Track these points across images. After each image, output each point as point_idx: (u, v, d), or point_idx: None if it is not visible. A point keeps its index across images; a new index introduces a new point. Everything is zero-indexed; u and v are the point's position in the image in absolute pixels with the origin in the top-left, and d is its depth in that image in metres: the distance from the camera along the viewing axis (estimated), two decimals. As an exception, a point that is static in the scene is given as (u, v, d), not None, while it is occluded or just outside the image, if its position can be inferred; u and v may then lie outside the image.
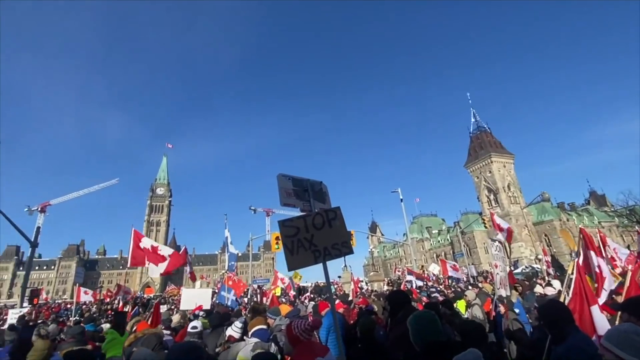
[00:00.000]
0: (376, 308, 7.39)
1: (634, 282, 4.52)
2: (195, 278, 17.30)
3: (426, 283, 18.86)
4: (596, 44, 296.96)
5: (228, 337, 4.59)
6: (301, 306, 9.43)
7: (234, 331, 4.59)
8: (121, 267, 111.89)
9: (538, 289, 9.36)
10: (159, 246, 9.14)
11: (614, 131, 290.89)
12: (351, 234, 22.73)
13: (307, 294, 20.67)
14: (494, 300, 6.09)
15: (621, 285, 4.95)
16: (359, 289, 18.23)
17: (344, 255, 3.32)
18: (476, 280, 21.49)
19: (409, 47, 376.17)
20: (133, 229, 9.05)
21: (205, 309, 9.62)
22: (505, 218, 58.83)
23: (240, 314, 8.49)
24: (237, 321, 4.82)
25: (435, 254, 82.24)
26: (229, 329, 4.73)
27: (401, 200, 28.06)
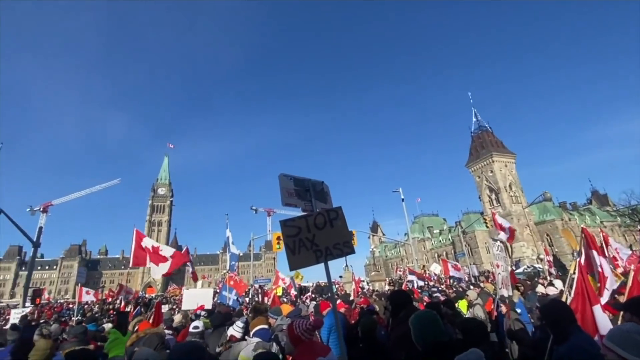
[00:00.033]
0: (377, 308, 7.40)
1: (637, 281, 4.49)
2: (197, 278, 17.31)
3: (427, 283, 18.86)
4: (596, 44, 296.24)
5: (230, 336, 4.60)
6: (302, 306, 9.45)
7: (235, 331, 4.60)
8: (123, 267, 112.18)
9: (540, 288, 9.35)
10: (160, 246, 9.14)
11: (615, 131, 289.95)
12: (352, 234, 22.70)
13: (309, 293, 20.69)
14: (495, 300, 6.08)
15: (623, 285, 4.93)
16: (360, 289, 18.23)
17: (345, 255, 3.33)
18: (478, 280, 21.47)
19: (410, 47, 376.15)
20: (135, 229, 9.05)
21: (207, 309, 9.65)
22: (507, 218, 58.65)
23: (242, 313, 8.50)
24: (239, 321, 4.83)
25: (437, 254, 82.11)
26: (231, 328, 4.73)
27: (402, 200, 28.02)
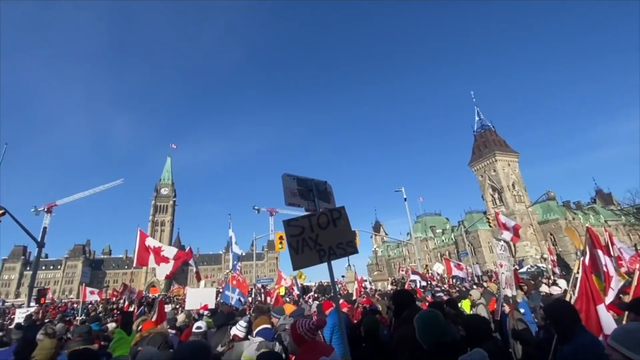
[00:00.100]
0: (380, 307, 7.40)
1: (642, 281, 4.46)
2: (200, 278, 17.35)
3: (430, 282, 18.82)
4: (601, 41, 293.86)
5: (233, 336, 4.61)
6: (305, 305, 9.44)
7: (238, 330, 4.61)
8: (126, 267, 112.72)
9: (544, 288, 9.32)
10: (162, 246, 9.17)
11: (619, 129, 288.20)
12: (355, 234, 22.67)
13: (311, 293, 20.71)
14: (499, 299, 6.06)
15: (628, 284, 4.90)
16: (363, 289, 18.21)
17: (348, 254, 3.33)
18: (481, 279, 21.40)
19: (413, 46, 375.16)
20: (139, 229, 9.10)
21: (210, 309, 9.68)
22: (510, 217, 58.26)
23: (245, 313, 8.53)
24: (242, 320, 4.84)
25: (440, 253, 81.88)
26: (234, 328, 4.75)
27: (405, 199, 27.99)
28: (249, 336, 4.42)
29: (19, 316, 12.65)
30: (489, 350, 2.23)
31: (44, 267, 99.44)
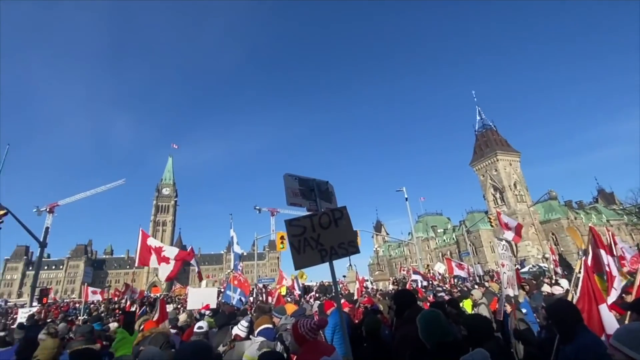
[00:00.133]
0: (381, 307, 7.38)
1: (645, 281, 4.44)
2: (202, 277, 17.38)
3: (431, 282, 18.79)
4: (601, 41, 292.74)
5: (234, 336, 4.62)
6: (307, 305, 9.44)
7: (240, 330, 4.61)
8: (128, 267, 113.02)
9: (545, 288, 9.28)
10: (163, 246, 9.19)
11: (620, 129, 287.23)
12: (356, 233, 22.65)
13: (312, 293, 20.71)
14: (500, 299, 6.05)
15: (630, 284, 4.88)
16: (364, 288, 18.20)
17: (350, 254, 3.33)
18: (482, 279, 21.35)
19: (413, 46, 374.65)
20: (140, 229, 9.12)
21: (212, 308, 9.70)
22: (512, 217, 58.11)
23: (246, 313, 8.53)
24: (243, 320, 4.84)
25: (441, 253, 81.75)
26: (235, 328, 4.75)
27: (406, 199, 27.94)
28: (250, 336, 4.42)
29: (22, 316, 12.70)
30: (491, 350, 2.22)
31: (46, 267, 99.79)
